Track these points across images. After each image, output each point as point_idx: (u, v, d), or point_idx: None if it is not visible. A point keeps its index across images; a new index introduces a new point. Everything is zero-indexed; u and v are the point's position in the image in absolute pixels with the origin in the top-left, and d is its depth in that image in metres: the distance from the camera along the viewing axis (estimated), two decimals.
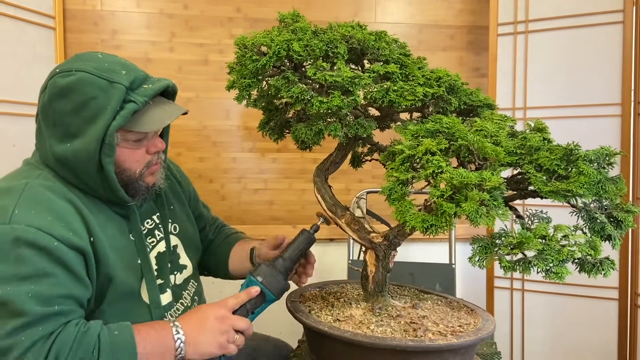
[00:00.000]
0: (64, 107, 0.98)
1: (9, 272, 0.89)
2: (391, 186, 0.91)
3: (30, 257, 0.90)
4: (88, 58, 1.03)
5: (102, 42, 2.23)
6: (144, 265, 1.10)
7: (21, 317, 0.88)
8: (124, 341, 0.94)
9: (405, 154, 0.92)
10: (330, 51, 1.03)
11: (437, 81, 1.05)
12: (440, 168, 0.86)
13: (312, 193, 1.25)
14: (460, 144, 0.90)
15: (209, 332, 1.01)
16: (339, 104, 0.98)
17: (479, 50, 2.40)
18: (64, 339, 0.90)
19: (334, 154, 1.22)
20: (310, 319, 1.06)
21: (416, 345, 0.93)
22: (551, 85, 2.06)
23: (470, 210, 0.80)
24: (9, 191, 0.97)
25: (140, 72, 1.04)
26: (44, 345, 0.89)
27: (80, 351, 0.90)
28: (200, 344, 1.00)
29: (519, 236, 0.86)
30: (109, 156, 0.99)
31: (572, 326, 2.06)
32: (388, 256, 1.14)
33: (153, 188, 1.12)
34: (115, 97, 0.97)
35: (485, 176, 0.83)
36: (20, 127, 1.90)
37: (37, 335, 0.89)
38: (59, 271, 0.93)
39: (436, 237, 2.31)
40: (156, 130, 1.06)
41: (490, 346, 1.32)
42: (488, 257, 0.88)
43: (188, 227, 1.29)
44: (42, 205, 0.95)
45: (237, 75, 1.09)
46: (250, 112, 2.32)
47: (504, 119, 1.03)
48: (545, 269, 0.84)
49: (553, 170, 0.91)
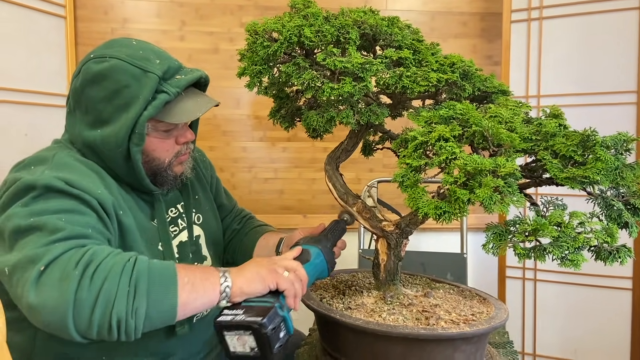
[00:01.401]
0: (97, 94, 0.99)
1: (42, 207, 0.87)
2: (403, 173, 0.90)
3: (60, 198, 0.89)
4: (122, 44, 1.02)
5: (112, 31, 2.23)
6: (165, 252, 1.10)
7: (58, 232, 0.83)
8: (162, 264, 0.86)
9: (417, 141, 0.91)
10: (341, 37, 1.02)
11: (450, 67, 1.04)
12: (454, 154, 0.85)
13: (322, 182, 1.25)
14: (474, 130, 0.89)
15: (254, 266, 0.93)
16: (350, 90, 0.97)
17: (492, 37, 2.36)
18: (98, 250, 0.83)
19: (346, 142, 1.21)
20: (321, 307, 1.06)
21: (428, 334, 0.93)
22: (565, 72, 2.02)
23: (484, 196, 0.79)
24: (40, 159, 0.98)
25: (174, 61, 1.04)
26: (77, 252, 0.81)
27: (114, 264, 0.81)
28: (244, 279, 0.89)
29: (533, 223, 0.85)
30: (138, 145, 0.99)
31: (585, 316, 2.04)
32: (400, 244, 1.13)
33: (180, 177, 1.12)
34: (148, 86, 0.97)
35: (499, 162, 0.82)
36: (32, 116, 1.91)
37: (70, 245, 0.82)
38: (90, 212, 0.91)
39: (448, 226, 2.31)
40: (187, 122, 1.06)
41: (502, 335, 1.31)
42: (502, 245, 0.87)
43: (211, 218, 1.29)
44: (71, 167, 0.96)
45: (248, 62, 1.08)
46: (261, 100, 2.31)
47: (519, 105, 1.01)
48: (561, 256, 0.83)
49: (569, 156, 0.89)
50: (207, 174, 1.35)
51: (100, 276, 0.78)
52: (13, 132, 1.85)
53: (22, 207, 0.88)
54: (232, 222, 1.43)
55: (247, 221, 1.46)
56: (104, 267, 0.79)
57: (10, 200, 0.90)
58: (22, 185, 0.90)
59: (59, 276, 0.77)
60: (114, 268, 0.80)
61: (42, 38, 1.97)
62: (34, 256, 0.80)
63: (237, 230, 1.43)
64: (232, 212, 1.45)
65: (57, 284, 0.77)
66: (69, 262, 0.79)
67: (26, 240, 0.83)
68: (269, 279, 0.90)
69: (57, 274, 0.78)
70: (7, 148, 1.82)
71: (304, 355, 1.19)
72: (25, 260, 0.80)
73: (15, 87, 1.86)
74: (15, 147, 1.83)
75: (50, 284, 0.77)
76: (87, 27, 2.21)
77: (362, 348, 0.99)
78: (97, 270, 0.79)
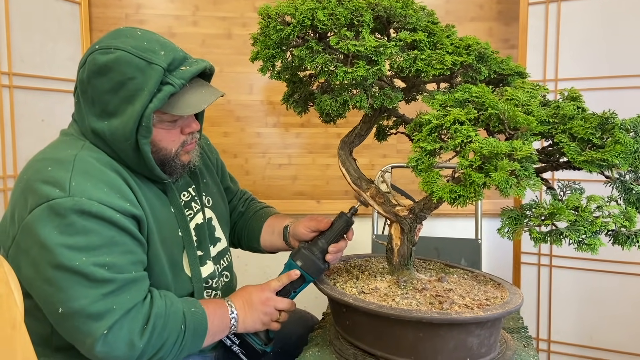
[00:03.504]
0: (103, 85, 0.99)
1: (80, 243, 0.91)
2: (418, 156, 0.89)
3: (97, 228, 0.93)
4: (127, 35, 1.02)
5: (126, 16, 2.23)
6: (185, 236, 1.12)
7: (106, 284, 0.92)
8: (200, 319, 1.03)
9: (432, 124, 0.90)
10: (355, 19, 1.00)
11: (466, 49, 1.02)
12: (469, 137, 0.84)
13: (336, 168, 1.25)
14: (490, 113, 0.87)
15: (255, 312, 1.12)
16: (363, 74, 0.96)
17: (509, 20, 2.32)
18: (157, 310, 0.97)
19: (359, 126, 1.21)
20: (335, 291, 1.07)
21: (442, 318, 0.92)
22: (584, 55, 1.98)
23: (500, 180, 0.78)
24: (59, 162, 0.98)
25: (179, 52, 1.03)
26: (138, 315, 0.95)
27: (172, 325, 0.98)
28: (247, 322, 1.12)
29: (550, 207, 0.84)
30: (146, 137, 1.00)
31: (601, 302, 2.02)
32: (413, 229, 1.12)
33: (188, 166, 1.13)
34: (153, 78, 0.97)
35: (516, 145, 0.81)
36: (49, 102, 1.93)
37: (129, 303, 0.93)
38: (126, 239, 0.97)
39: (462, 212, 2.30)
40: (192, 114, 1.06)
41: (516, 321, 1.31)
42: (518, 229, 0.86)
43: (219, 201, 1.31)
44: (96, 177, 0.97)
45: (261, 46, 1.07)
46: (274, 86, 2.31)
47: (536, 87, 0.99)
48: (578, 240, 0.82)
49: (587, 139, 0.87)
50: (213, 158, 1.37)
51: (159, 342, 0.97)
52: (30, 117, 1.87)
53: (59, 236, 0.91)
54: (238, 204, 1.46)
55: (250, 203, 1.48)
56: (163, 332, 0.97)
57: (41, 222, 0.91)
58: (55, 207, 0.91)
59: (125, 344, 0.93)
60: (171, 334, 0.98)
61: (57, 24, 1.98)
62: (94, 313, 0.90)
63: (242, 213, 1.45)
64: (237, 195, 1.47)
65: (124, 347, 0.93)
66: (134, 331, 0.93)
67: (71, 284, 0.91)
68: (264, 325, 1.14)
69: (123, 342, 0.92)
70: (25, 133, 1.84)
71: (317, 339, 1.20)
72: (83, 315, 0.90)
73: (31, 73, 1.88)
74: (33, 133, 1.86)
75: (117, 346, 0.92)
76: (102, 12, 2.21)
77: (375, 332, 1.00)
78: (158, 338, 0.96)
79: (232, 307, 1.10)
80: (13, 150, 1.81)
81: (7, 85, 1.80)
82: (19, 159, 1.81)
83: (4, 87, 1.79)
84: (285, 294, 1.16)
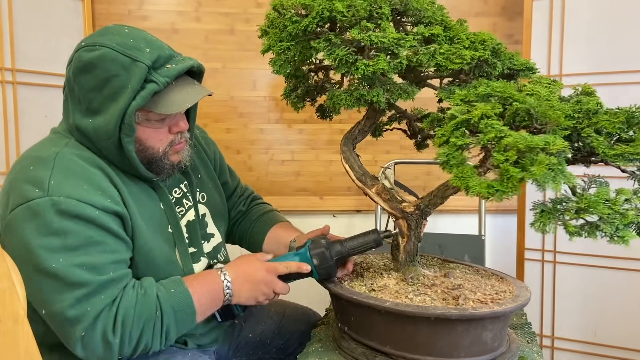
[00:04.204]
0: (87, 83, 0.98)
1: (58, 244, 0.91)
2: (448, 152, 0.88)
3: (75, 228, 0.92)
4: (114, 32, 1.01)
5: (129, 13, 2.23)
6: (175, 233, 1.11)
7: (82, 287, 0.91)
8: (181, 299, 1.00)
9: (458, 119, 0.89)
10: (374, 11, 0.98)
11: (482, 44, 1.01)
12: (502, 132, 0.83)
13: (339, 164, 1.24)
14: (517, 107, 0.87)
15: (254, 290, 1.10)
16: (384, 67, 0.95)
17: (513, 15, 2.31)
18: (126, 303, 0.95)
19: (363, 122, 1.20)
20: (344, 290, 1.06)
21: (461, 314, 0.92)
22: (590, 50, 1.97)
23: (540, 174, 0.78)
24: (40, 161, 0.98)
25: (165, 50, 1.02)
26: (109, 313, 0.93)
27: (145, 313, 0.96)
28: (242, 296, 1.09)
29: (585, 200, 0.84)
30: (129, 136, 0.99)
31: (605, 299, 2.01)
32: (420, 225, 1.12)
33: (178, 166, 1.11)
34: (136, 76, 0.96)
35: (549, 140, 0.81)
36: (52, 98, 1.93)
37: (101, 304, 0.93)
38: (106, 238, 0.96)
39: (466, 208, 2.29)
40: (176, 112, 1.04)
41: (520, 317, 1.30)
42: (551, 222, 0.86)
43: (215, 196, 1.29)
44: (76, 174, 0.97)
45: (275, 38, 1.05)
46: (277, 82, 2.30)
47: (553, 82, 0.99)
48: (611, 233, 0.83)
49: (615, 133, 0.89)
50: (210, 151, 1.34)
51: (136, 333, 0.95)
52: (33, 113, 1.88)
53: (38, 237, 0.91)
54: (238, 201, 1.43)
55: (253, 204, 1.45)
56: (137, 323, 0.95)
57: (21, 222, 0.92)
58: (34, 207, 0.91)
59: (101, 343, 0.93)
60: (147, 323, 0.96)
61: (61, 20, 1.98)
62: (70, 318, 0.91)
63: (244, 213, 1.42)
64: (237, 191, 1.44)
65: (101, 347, 0.93)
66: (106, 330, 0.93)
67: (49, 286, 0.91)
68: (257, 302, 1.12)
69: (99, 342, 0.93)
70: (28, 130, 1.85)
71: (320, 334, 1.20)
72: (61, 319, 0.92)
73: (34, 69, 1.88)
74: (36, 129, 1.86)
75: (94, 347, 0.93)
76: (105, 9, 2.21)
77: (388, 330, 0.99)
78: (132, 330, 0.95)
79: (228, 280, 1.07)
80: (16, 146, 1.81)
81: (10, 82, 1.80)
82: None
83: (7, 84, 1.79)
84: (285, 278, 1.14)
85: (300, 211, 2.33)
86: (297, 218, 1.86)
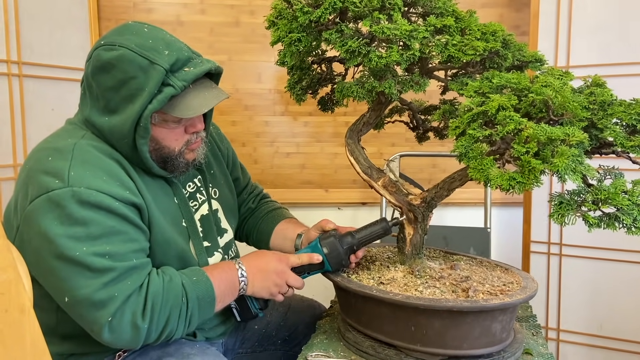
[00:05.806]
0: (106, 82, 0.99)
1: (81, 233, 0.92)
2: (467, 144, 0.88)
3: (97, 217, 0.93)
4: (134, 31, 1.01)
5: (134, 5, 2.23)
6: (189, 227, 1.12)
7: (107, 273, 0.92)
8: (204, 287, 1.02)
9: (473, 111, 0.88)
10: (387, 2, 0.98)
11: (492, 35, 1.00)
12: (522, 124, 0.82)
13: (344, 157, 1.23)
14: (533, 99, 0.86)
15: (266, 280, 1.11)
16: (397, 59, 0.94)
17: (520, 6, 2.29)
18: (154, 289, 0.96)
19: (368, 114, 1.19)
20: (352, 283, 1.06)
21: (472, 306, 0.92)
22: (597, 42, 1.95)
23: (562, 165, 0.78)
24: (58, 151, 0.98)
25: (184, 52, 1.01)
26: (138, 298, 0.95)
27: (171, 299, 0.98)
28: (256, 287, 1.11)
29: (604, 192, 0.84)
30: (143, 138, 0.99)
31: (611, 292, 2.01)
32: (426, 218, 1.12)
33: (193, 163, 1.12)
34: (154, 79, 0.96)
35: (569, 131, 0.80)
36: (59, 90, 1.93)
37: (129, 289, 0.94)
38: (126, 227, 0.97)
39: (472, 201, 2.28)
40: (192, 117, 1.04)
41: (525, 309, 1.30)
42: (570, 213, 0.86)
43: (226, 192, 1.30)
44: (94, 166, 0.97)
45: (284, 29, 1.04)
46: (283, 75, 2.30)
47: (565, 74, 0.98)
48: (629, 224, 0.83)
49: (631, 125, 0.88)
50: (223, 147, 1.35)
51: (163, 319, 0.97)
52: (40, 107, 1.88)
53: (59, 226, 0.91)
54: (248, 198, 1.44)
55: (262, 201, 1.46)
56: (165, 308, 0.97)
57: (41, 213, 0.92)
58: (54, 198, 0.91)
59: (130, 328, 0.94)
60: (173, 309, 0.98)
61: (66, 13, 1.98)
62: (97, 302, 0.91)
63: (252, 210, 1.43)
64: (247, 188, 1.45)
65: (129, 331, 0.94)
66: (135, 315, 0.94)
67: (73, 274, 0.92)
68: (271, 295, 1.13)
69: (127, 326, 0.94)
70: (35, 123, 1.85)
71: (325, 326, 1.21)
72: (87, 304, 0.92)
73: (40, 62, 1.88)
74: (43, 122, 1.87)
75: (122, 331, 0.94)
76: (110, 1, 2.21)
77: (397, 322, 0.99)
78: (160, 315, 0.96)
79: (243, 269, 1.09)
80: (23, 139, 1.82)
81: (16, 74, 1.80)
82: (29, 148, 1.83)
83: (13, 77, 1.79)
84: (299, 272, 1.15)
85: (305, 204, 2.33)
86: (302, 211, 1.86)
